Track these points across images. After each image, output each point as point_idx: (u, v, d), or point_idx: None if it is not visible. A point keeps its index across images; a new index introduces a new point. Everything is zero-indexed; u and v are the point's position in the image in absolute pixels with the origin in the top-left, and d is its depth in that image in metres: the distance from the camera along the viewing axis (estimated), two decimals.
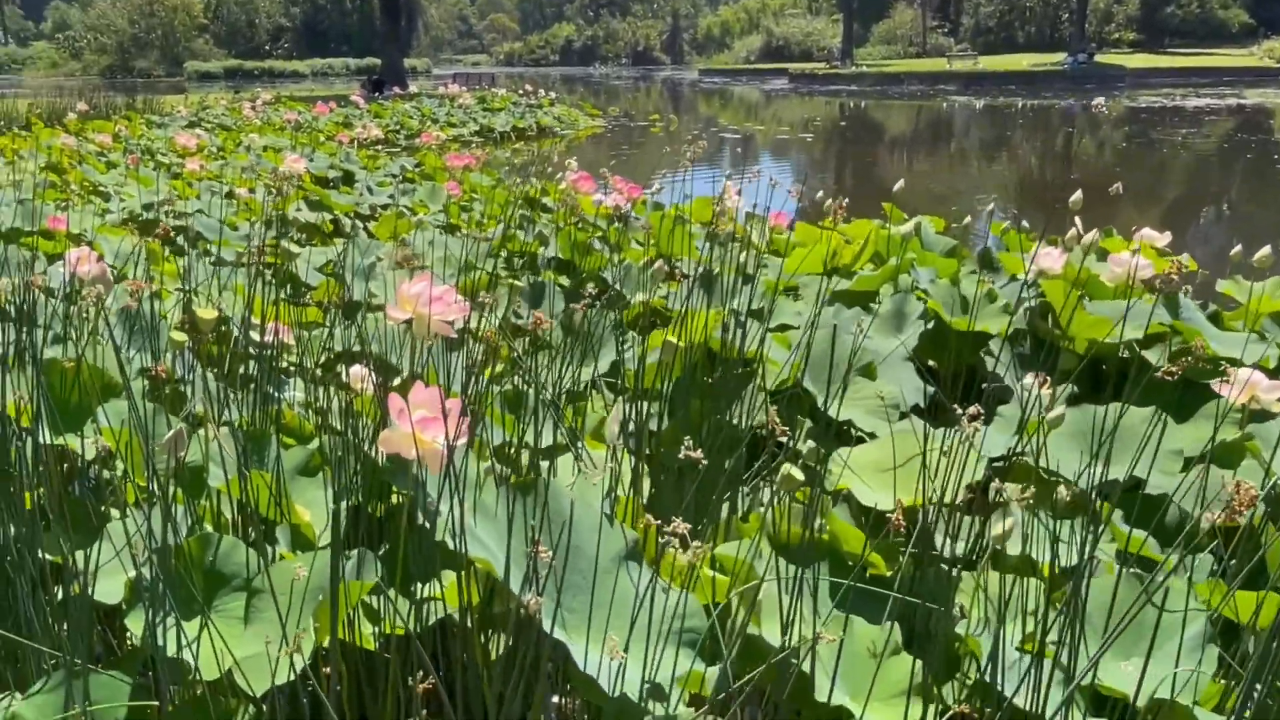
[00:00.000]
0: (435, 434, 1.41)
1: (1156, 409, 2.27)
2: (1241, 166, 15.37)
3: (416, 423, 1.40)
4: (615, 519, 1.50)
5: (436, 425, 1.40)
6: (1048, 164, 17.42)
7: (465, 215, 5.31)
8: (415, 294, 1.75)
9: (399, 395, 1.43)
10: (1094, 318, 2.62)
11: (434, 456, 1.42)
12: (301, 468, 1.96)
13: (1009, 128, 23.74)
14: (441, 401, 1.40)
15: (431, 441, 1.42)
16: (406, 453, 1.42)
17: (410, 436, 1.41)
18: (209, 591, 1.57)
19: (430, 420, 1.40)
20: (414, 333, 1.78)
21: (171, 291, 4.01)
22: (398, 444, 1.43)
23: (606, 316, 3.25)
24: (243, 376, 2.76)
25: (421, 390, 1.44)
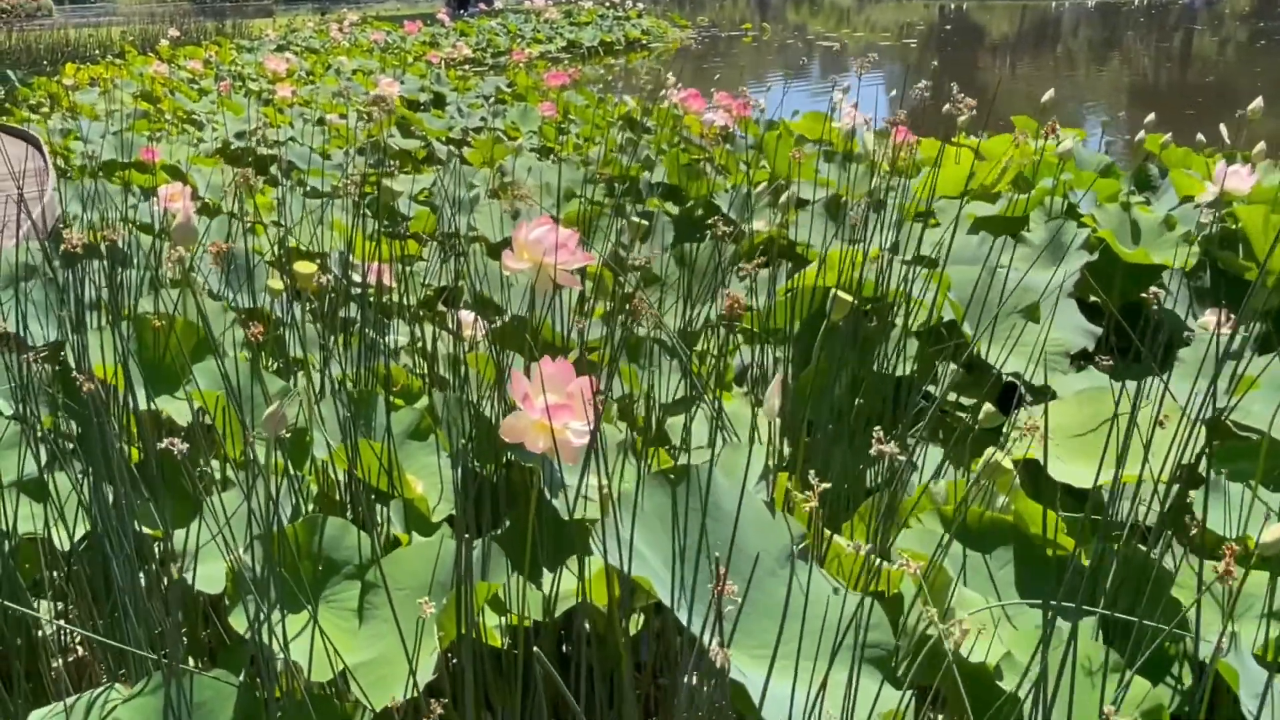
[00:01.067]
0: (568, 421, 1.20)
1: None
2: None
3: (545, 410, 1.19)
4: (777, 507, 1.28)
5: (569, 412, 1.18)
6: (1174, 67, 16.22)
7: (562, 138, 5.05)
8: (535, 241, 1.53)
9: (523, 376, 1.21)
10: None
11: (569, 449, 1.21)
12: (411, 430, 1.79)
13: (1129, 27, 22.19)
14: (588, 386, 1.19)
15: (564, 430, 1.21)
16: (533, 444, 1.22)
17: (538, 425, 1.20)
18: (318, 580, 1.41)
19: (562, 406, 1.19)
20: (535, 285, 1.57)
21: (266, 226, 3.88)
22: (522, 433, 1.23)
23: (724, 248, 2.99)
24: (343, 320, 2.62)
25: (549, 367, 1.23)
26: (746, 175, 3.70)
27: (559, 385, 1.23)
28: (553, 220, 1.59)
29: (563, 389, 1.22)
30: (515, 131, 5.51)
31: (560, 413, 1.19)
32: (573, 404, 1.19)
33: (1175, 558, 1.47)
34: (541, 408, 1.19)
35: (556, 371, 1.23)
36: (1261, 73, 13.76)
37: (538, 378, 1.22)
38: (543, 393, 1.22)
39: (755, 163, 4.45)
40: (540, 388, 1.21)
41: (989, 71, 16.11)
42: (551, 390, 1.21)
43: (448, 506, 1.66)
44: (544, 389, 1.21)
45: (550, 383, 1.22)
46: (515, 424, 1.24)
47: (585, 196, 3.84)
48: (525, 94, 6.55)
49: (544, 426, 1.20)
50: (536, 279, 1.57)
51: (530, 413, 1.20)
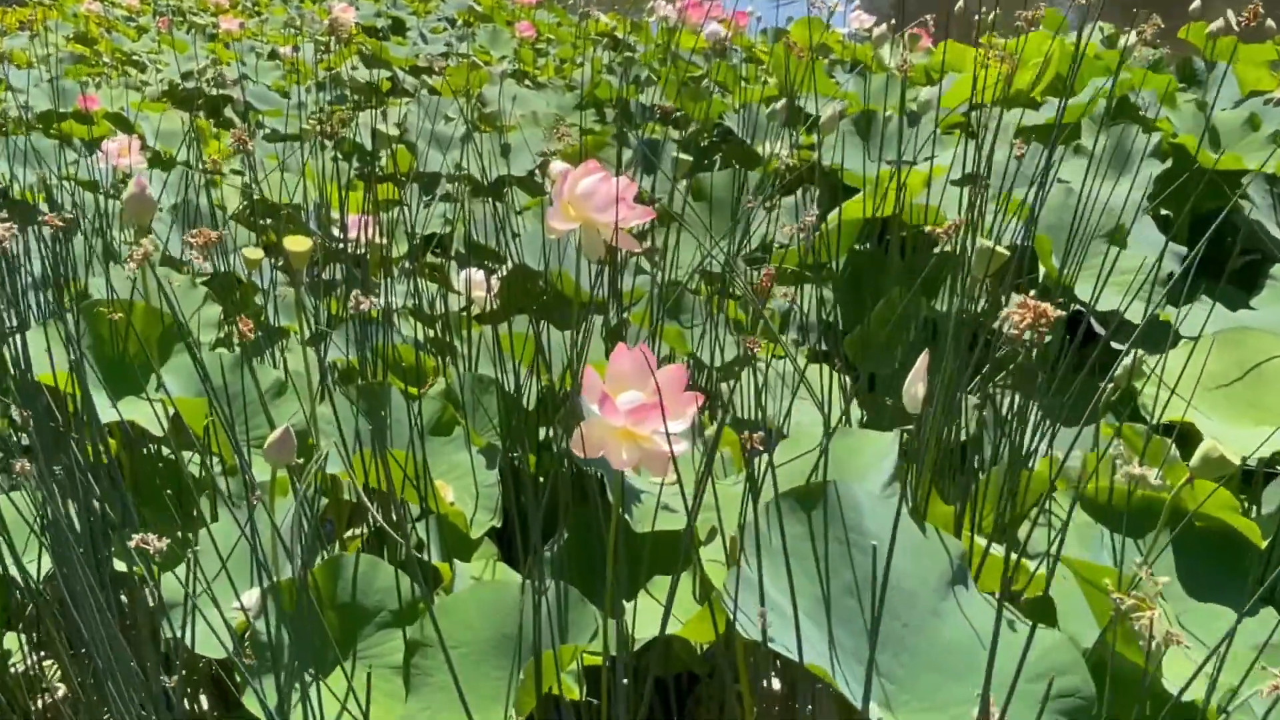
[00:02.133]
0: (655, 426, 0.92)
1: None
2: None
3: (629, 414, 0.91)
4: (925, 522, 1.01)
5: (655, 415, 0.91)
6: None
7: (540, 61, 4.66)
8: (586, 194, 1.23)
9: (596, 374, 0.93)
10: None
11: (660, 461, 0.93)
12: (432, 424, 1.50)
13: None
14: (680, 377, 0.91)
15: (650, 435, 0.93)
16: (618, 458, 0.94)
17: (622, 432, 0.93)
18: (347, 633, 1.13)
19: (645, 409, 0.91)
20: (584, 249, 1.27)
21: (226, 176, 3.52)
22: (601, 444, 0.95)
23: (743, 176, 2.69)
24: (327, 283, 2.30)
25: (625, 357, 0.94)
26: (761, 89, 3.37)
27: (640, 379, 0.94)
28: (601, 166, 1.29)
29: (646, 383, 0.94)
30: (486, 56, 5.10)
31: (647, 416, 0.91)
32: (664, 402, 0.91)
33: None
34: (628, 409, 0.91)
35: (636, 362, 0.95)
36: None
37: (615, 372, 0.94)
38: (612, 385, 0.94)
39: (754, 77, 4.10)
40: (623, 382, 0.93)
41: None
42: (634, 385, 0.93)
43: (486, 517, 1.38)
44: (625, 382, 0.93)
45: (631, 377, 0.94)
46: (592, 433, 0.96)
47: (579, 124, 3.50)
48: (492, 14, 6.10)
49: (630, 435, 0.92)
50: (584, 242, 1.27)
51: (613, 418, 0.92)
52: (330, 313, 2.08)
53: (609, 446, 0.93)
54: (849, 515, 0.95)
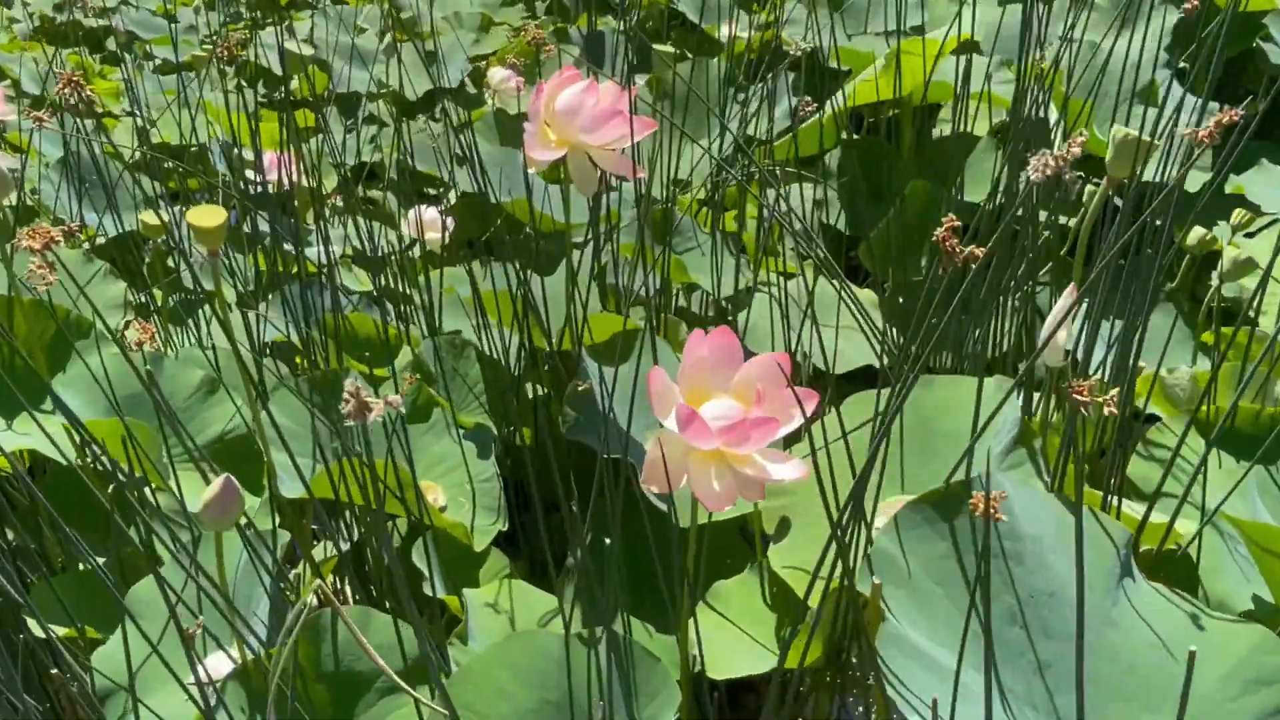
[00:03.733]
0: (760, 444, 0.67)
1: None
2: None
3: (724, 432, 0.66)
4: (1087, 504, 0.78)
5: (760, 431, 0.66)
6: None
7: None
8: (569, 110, 0.95)
9: (664, 377, 0.67)
10: None
11: (755, 487, 0.69)
12: (407, 410, 1.24)
13: None
14: (781, 366, 0.65)
15: (752, 457, 0.68)
16: (707, 490, 0.69)
17: (711, 456, 0.68)
18: (342, 709, 0.89)
19: (746, 426, 0.66)
20: (575, 181, 0.99)
21: (119, 117, 3.11)
22: (681, 470, 0.70)
23: (706, 65, 2.38)
24: (249, 237, 1.98)
25: (702, 345, 0.69)
26: None
27: (724, 372, 0.69)
28: (578, 71, 1.00)
29: (731, 378, 0.69)
30: None
31: (749, 433, 0.66)
32: (768, 407, 0.66)
33: None
34: (723, 426, 0.65)
35: (717, 349, 0.69)
36: None
37: (692, 366, 0.68)
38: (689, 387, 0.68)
39: None
40: (702, 380, 0.68)
41: None
42: (716, 384, 0.68)
43: (489, 520, 1.13)
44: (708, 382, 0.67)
45: (712, 372, 0.69)
46: (671, 457, 0.70)
47: (504, 23, 3.13)
48: None
49: (723, 457, 0.67)
50: (573, 171, 0.99)
51: (702, 439, 0.67)
52: (259, 269, 1.78)
53: (695, 475, 0.68)
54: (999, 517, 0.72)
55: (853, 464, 0.85)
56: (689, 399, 0.68)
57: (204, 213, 0.84)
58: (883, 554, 0.71)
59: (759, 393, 0.66)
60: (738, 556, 1.03)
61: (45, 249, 0.80)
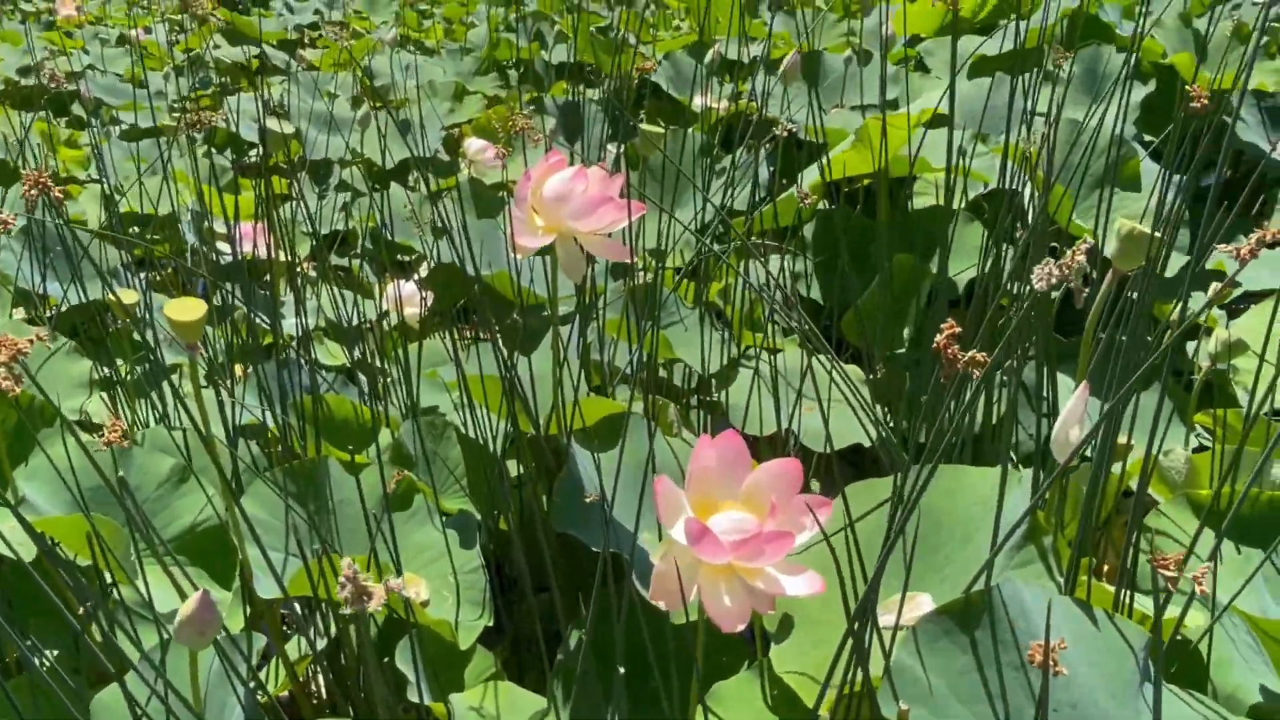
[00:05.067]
0: (774, 558, 0.64)
1: None
2: None
3: (737, 546, 0.63)
4: (1100, 607, 0.76)
5: (775, 544, 0.63)
6: None
7: (425, 23, 4.25)
8: (558, 197, 0.93)
9: (671, 486, 0.64)
10: None
11: (766, 600, 0.66)
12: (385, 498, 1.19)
13: None
14: (794, 474, 0.63)
15: (766, 570, 0.65)
16: (719, 608, 0.66)
17: (721, 570, 0.65)
18: None
19: (760, 540, 0.63)
20: (562, 267, 0.97)
21: (84, 184, 3.06)
22: (690, 584, 0.66)
23: (683, 136, 2.39)
24: (220, 310, 1.93)
25: (709, 451, 0.66)
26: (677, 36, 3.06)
27: (733, 479, 0.66)
28: (566, 156, 0.99)
29: (740, 484, 0.66)
30: (364, 22, 4.65)
31: (762, 547, 0.63)
32: (781, 518, 0.63)
33: None
34: (736, 541, 0.62)
35: (724, 455, 0.67)
36: None
37: (699, 473, 0.66)
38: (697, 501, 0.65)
39: (665, 23, 3.79)
40: (710, 487, 0.65)
41: None
42: (725, 491, 0.65)
43: (474, 614, 1.09)
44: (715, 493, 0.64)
45: (720, 479, 0.66)
46: (680, 569, 0.67)
47: (483, 93, 3.14)
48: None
49: (734, 572, 0.64)
50: (562, 258, 0.97)
51: (713, 554, 0.64)
52: (230, 342, 1.73)
53: (706, 589, 0.65)
54: (1019, 625, 0.70)
55: (860, 559, 0.82)
56: (696, 508, 0.65)
57: (182, 306, 0.80)
58: (903, 669, 0.67)
59: (773, 504, 0.64)
60: (734, 654, 0.99)
61: (12, 360, 0.75)
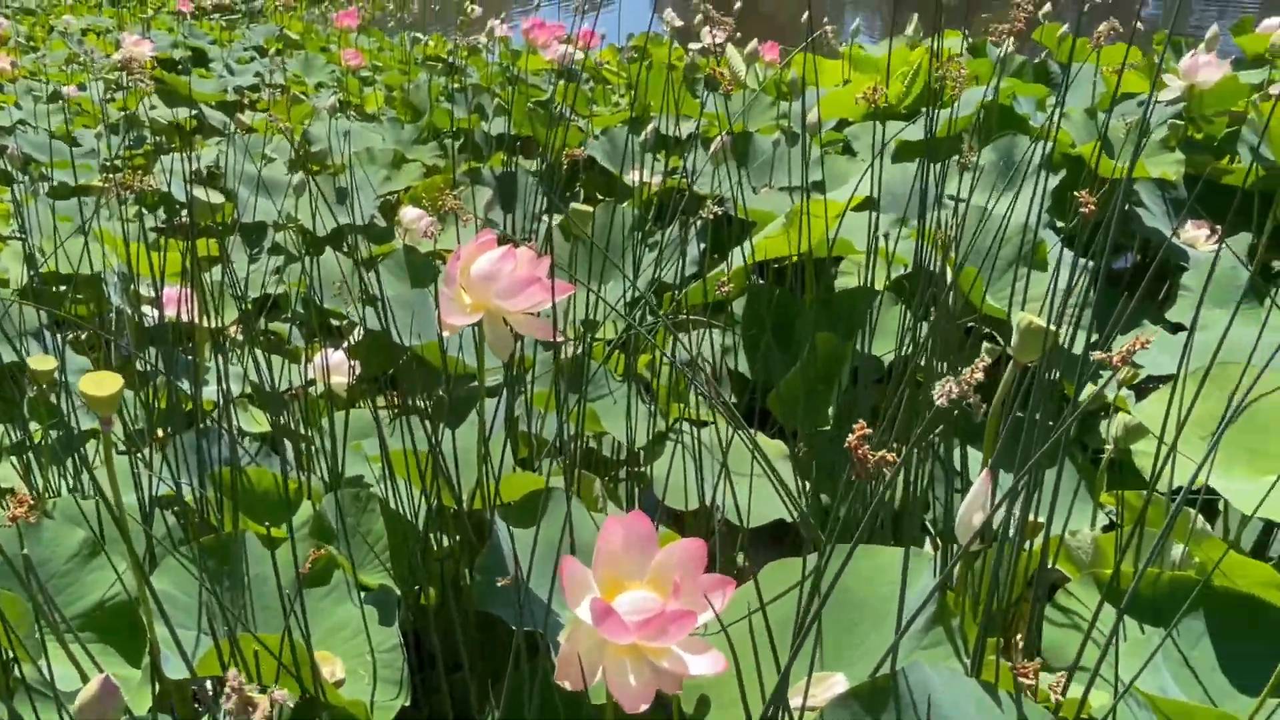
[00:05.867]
0: (679, 636, 0.65)
1: None
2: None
3: (641, 626, 0.64)
4: (1005, 689, 0.78)
5: (679, 623, 0.64)
6: None
7: (366, 90, 4.29)
8: (486, 276, 0.94)
9: (578, 566, 0.65)
10: None
11: (672, 680, 0.67)
12: (306, 577, 1.17)
13: None
14: (697, 554, 0.64)
15: (671, 650, 0.66)
16: (623, 688, 0.67)
17: (627, 650, 0.65)
18: None
19: (664, 619, 0.64)
20: (490, 345, 0.98)
21: (7, 240, 3.00)
22: (595, 664, 0.67)
23: (617, 210, 2.44)
24: (141, 376, 1.90)
25: (617, 531, 0.67)
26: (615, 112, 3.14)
27: (640, 559, 0.67)
28: (497, 235, 1.01)
29: (648, 564, 0.67)
30: (303, 86, 4.67)
31: (667, 627, 0.64)
32: (684, 596, 0.64)
33: None
34: (640, 621, 0.63)
35: (630, 535, 0.68)
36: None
37: (606, 553, 0.67)
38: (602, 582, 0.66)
39: (605, 99, 3.88)
40: (617, 568, 0.66)
41: None
42: (632, 571, 0.66)
43: (391, 695, 1.07)
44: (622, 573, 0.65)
45: (627, 559, 0.67)
46: (584, 651, 0.67)
47: (421, 161, 3.17)
48: (304, 41, 5.63)
49: (640, 651, 0.65)
50: (489, 336, 0.99)
51: (618, 635, 0.65)
52: (148, 407, 1.70)
53: (611, 670, 0.65)
54: (926, 708, 0.71)
55: (773, 641, 0.84)
56: (604, 587, 0.66)
57: (97, 381, 0.79)
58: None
59: (676, 584, 0.65)
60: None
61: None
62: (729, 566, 1.63)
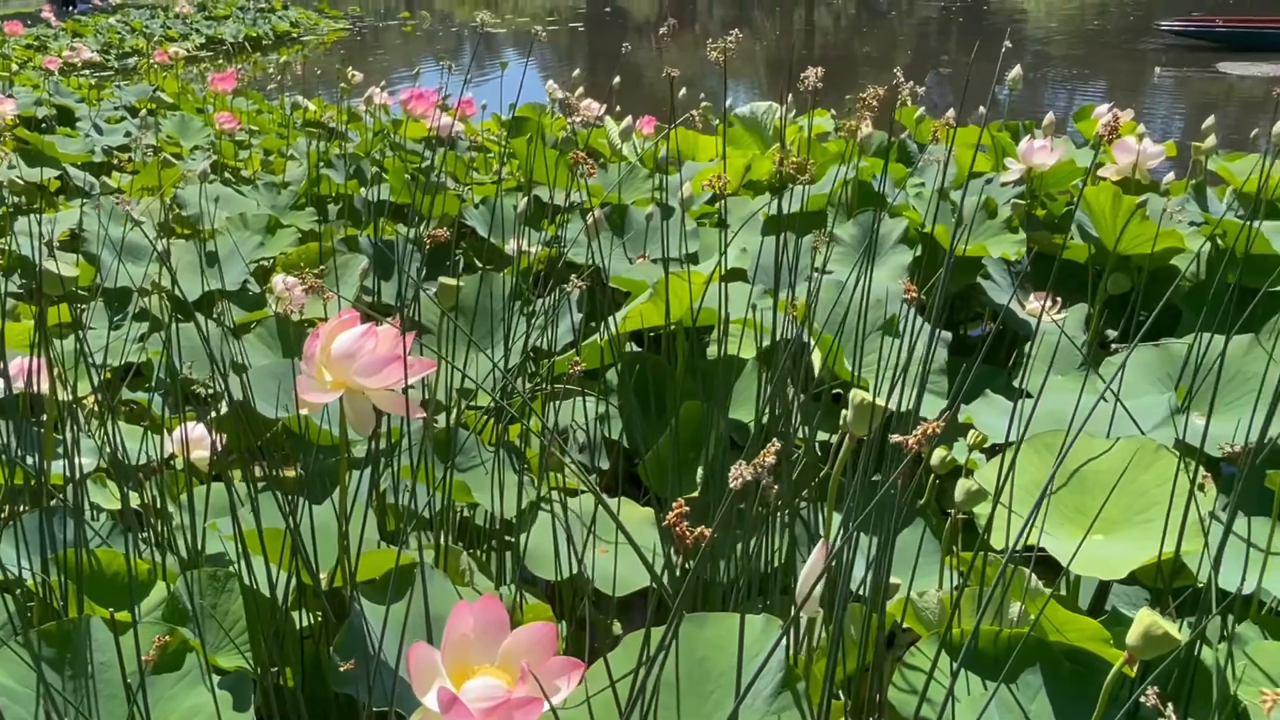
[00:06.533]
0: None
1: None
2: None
3: (487, 715, 0.65)
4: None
5: (525, 710, 0.65)
6: (793, 39, 17.65)
7: (243, 154, 4.22)
8: (346, 354, 0.95)
9: (427, 651, 0.66)
10: (1149, 226, 2.12)
11: None
12: (155, 662, 1.13)
13: (752, 5, 24.00)
14: (547, 639, 0.66)
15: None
16: None
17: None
18: None
19: (510, 706, 0.65)
20: (350, 422, 0.99)
21: None
22: None
23: (491, 281, 2.46)
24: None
25: (466, 617, 0.68)
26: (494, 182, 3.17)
27: (490, 643, 0.69)
28: (361, 314, 1.02)
29: (497, 647, 0.69)
30: (176, 148, 4.57)
31: (513, 713, 0.65)
32: (526, 683, 0.66)
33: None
34: (486, 708, 0.64)
35: (481, 619, 0.69)
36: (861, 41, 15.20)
37: (455, 639, 0.68)
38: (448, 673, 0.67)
39: (486, 168, 3.92)
40: (466, 653, 0.67)
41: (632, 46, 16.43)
42: (481, 655, 0.67)
43: None
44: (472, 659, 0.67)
45: (477, 644, 0.68)
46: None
47: (297, 227, 3.13)
48: (179, 102, 5.52)
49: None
50: (349, 413, 0.99)
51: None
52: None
53: None
54: None
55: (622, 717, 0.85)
56: (453, 673, 0.67)
57: None
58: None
59: (523, 670, 0.66)
60: None
61: None
62: (602, 634, 1.64)
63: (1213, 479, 1.29)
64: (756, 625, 0.99)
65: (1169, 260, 2.30)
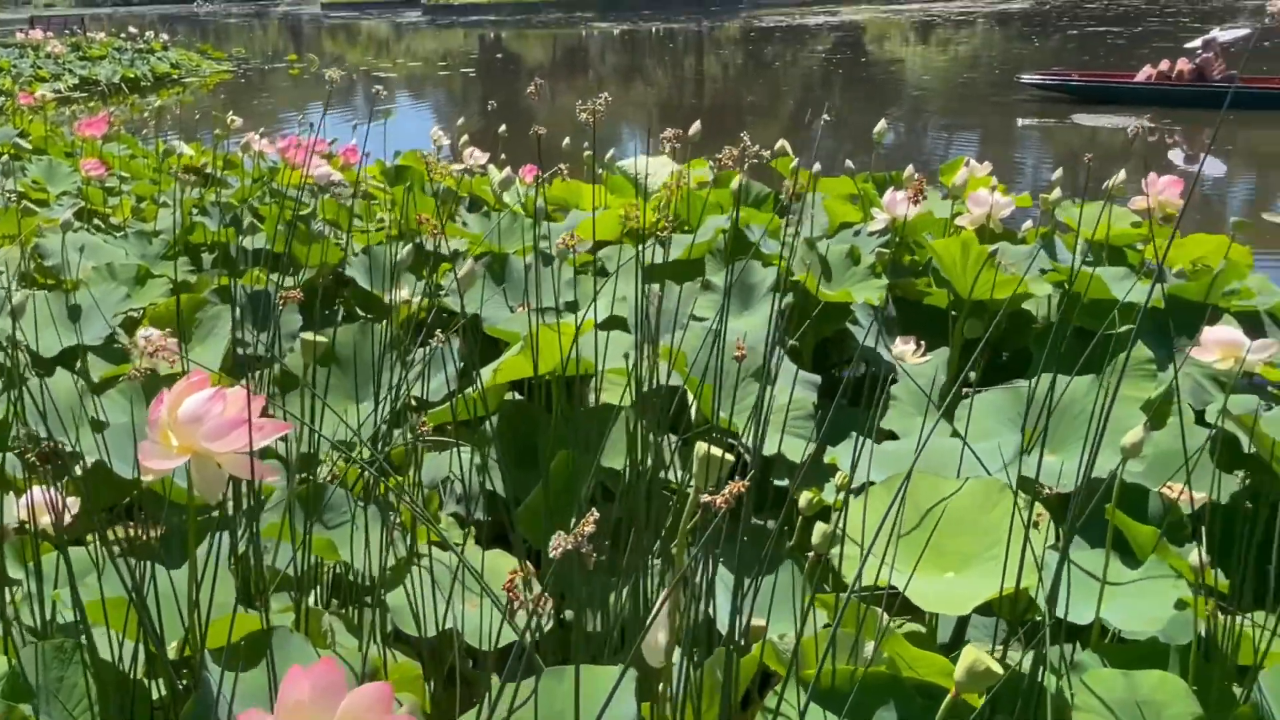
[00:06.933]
0: None
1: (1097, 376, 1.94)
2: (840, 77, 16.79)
3: None
4: None
5: None
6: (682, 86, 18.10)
7: (113, 201, 4.09)
8: (194, 417, 0.94)
9: (264, 715, 0.65)
10: (1004, 276, 2.24)
11: None
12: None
13: (644, 53, 24.53)
14: (382, 699, 0.66)
15: None
16: None
17: None
18: None
19: None
20: (197, 489, 0.97)
21: None
22: None
23: (370, 330, 2.44)
24: None
25: (301, 683, 0.68)
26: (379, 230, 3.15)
27: (326, 707, 0.68)
28: (206, 376, 1.00)
29: (333, 712, 0.68)
30: (42, 194, 4.39)
31: None
32: None
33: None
34: None
35: (318, 685, 0.69)
36: (747, 91, 15.77)
37: (289, 706, 0.67)
38: None
39: (369, 215, 3.88)
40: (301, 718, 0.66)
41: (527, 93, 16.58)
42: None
43: None
44: None
45: (312, 708, 0.67)
46: None
47: (170, 277, 3.04)
48: (46, 146, 5.30)
49: None
50: (197, 479, 0.97)
51: None
52: None
53: None
54: None
55: None
56: None
57: None
58: None
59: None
60: None
61: None
62: (480, 689, 1.62)
63: (1049, 516, 1.37)
64: (611, 677, 1.00)
65: (1022, 304, 2.43)
